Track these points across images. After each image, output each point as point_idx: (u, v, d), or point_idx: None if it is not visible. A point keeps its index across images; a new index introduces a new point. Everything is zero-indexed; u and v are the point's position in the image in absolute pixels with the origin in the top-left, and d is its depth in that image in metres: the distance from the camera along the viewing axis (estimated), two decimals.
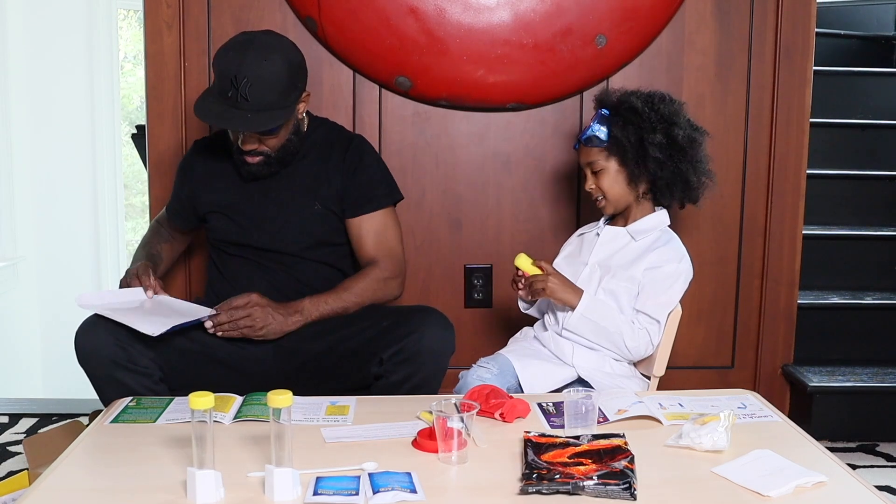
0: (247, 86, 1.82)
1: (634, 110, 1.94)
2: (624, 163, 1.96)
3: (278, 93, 1.86)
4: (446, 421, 1.37)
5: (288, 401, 1.25)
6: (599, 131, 1.97)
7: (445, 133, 2.52)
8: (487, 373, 1.92)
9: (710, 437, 1.42)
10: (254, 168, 1.96)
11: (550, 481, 1.27)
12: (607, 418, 1.57)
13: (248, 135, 1.90)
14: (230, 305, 1.84)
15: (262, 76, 1.83)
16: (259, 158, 1.95)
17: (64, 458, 1.42)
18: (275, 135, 1.93)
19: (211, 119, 1.89)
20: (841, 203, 3.06)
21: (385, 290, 2.02)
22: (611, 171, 1.98)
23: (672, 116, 1.95)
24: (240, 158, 1.96)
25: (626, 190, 1.99)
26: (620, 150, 1.95)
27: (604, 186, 1.99)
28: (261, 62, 1.83)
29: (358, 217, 2.04)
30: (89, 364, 1.79)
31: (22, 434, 2.67)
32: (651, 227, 2.00)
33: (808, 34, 2.50)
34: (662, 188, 1.97)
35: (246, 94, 1.82)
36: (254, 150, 1.93)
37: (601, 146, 1.97)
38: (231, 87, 1.83)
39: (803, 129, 2.54)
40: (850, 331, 2.78)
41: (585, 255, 2.06)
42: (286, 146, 1.97)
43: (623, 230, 2.02)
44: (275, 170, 1.99)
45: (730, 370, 2.64)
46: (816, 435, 1.66)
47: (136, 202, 5.42)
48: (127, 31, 5.11)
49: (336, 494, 1.24)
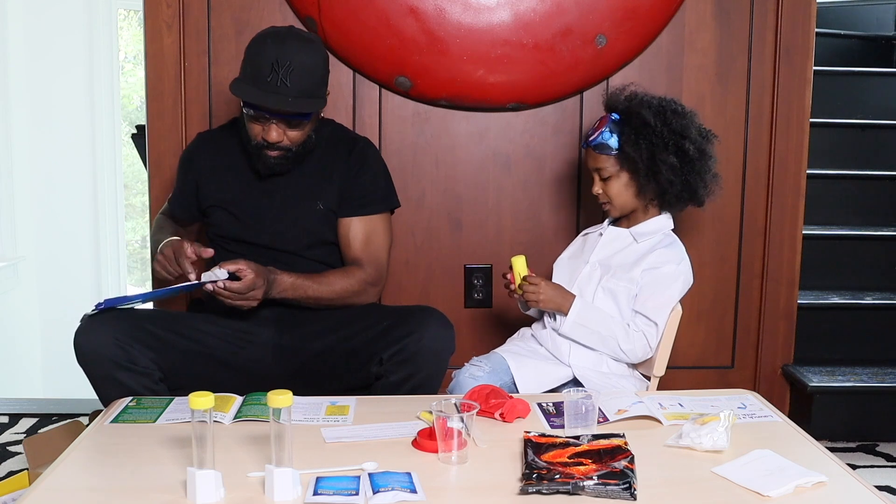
0: (288, 70, 1.83)
1: (646, 124, 1.92)
2: (634, 175, 1.96)
3: (317, 81, 1.89)
4: (446, 421, 1.37)
5: (288, 401, 1.25)
6: (610, 139, 1.96)
7: (445, 133, 2.52)
8: (480, 371, 1.92)
9: (711, 437, 1.42)
10: (272, 162, 1.95)
11: (550, 481, 1.27)
12: (607, 418, 1.57)
13: (275, 126, 1.89)
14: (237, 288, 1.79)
15: (304, 62, 1.85)
16: (280, 153, 1.94)
17: (64, 458, 1.42)
18: (302, 127, 1.92)
19: (254, 98, 1.86)
20: (841, 203, 3.06)
21: (363, 295, 2.01)
22: (620, 179, 1.98)
23: (683, 130, 1.93)
24: (259, 153, 1.95)
25: (634, 199, 1.99)
26: (631, 163, 1.94)
27: (611, 193, 1.99)
28: (302, 50, 1.86)
29: (350, 218, 2.04)
30: (89, 364, 1.79)
31: (22, 434, 2.68)
32: (654, 230, 2.00)
33: (809, 34, 2.50)
34: (671, 199, 1.98)
35: (287, 79, 1.82)
36: (277, 144, 1.92)
37: (611, 154, 1.96)
38: (271, 72, 1.83)
39: (803, 128, 2.54)
40: (850, 331, 2.78)
41: (587, 253, 2.06)
42: (306, 142, 1.97)
43: (626, 231, 2.02)
44: (291, 166, 1.98)
45: (730, 370, 2.64)
46: (816, 435, 1.66)
47: (136, 202, 5.42)
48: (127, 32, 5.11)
49: (336, 494, 1.24)
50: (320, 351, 1.91)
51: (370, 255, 2.03)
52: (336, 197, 2.03)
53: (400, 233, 2.53)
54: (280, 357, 1.93)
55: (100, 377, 1.79)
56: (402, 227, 2.52)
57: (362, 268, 2.01)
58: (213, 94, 2.45)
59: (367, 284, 2.01)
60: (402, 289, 2.55)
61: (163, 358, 1.83)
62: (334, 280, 1.97)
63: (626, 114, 1.96)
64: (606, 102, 2.04)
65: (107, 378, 1.78)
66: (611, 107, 2.01)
